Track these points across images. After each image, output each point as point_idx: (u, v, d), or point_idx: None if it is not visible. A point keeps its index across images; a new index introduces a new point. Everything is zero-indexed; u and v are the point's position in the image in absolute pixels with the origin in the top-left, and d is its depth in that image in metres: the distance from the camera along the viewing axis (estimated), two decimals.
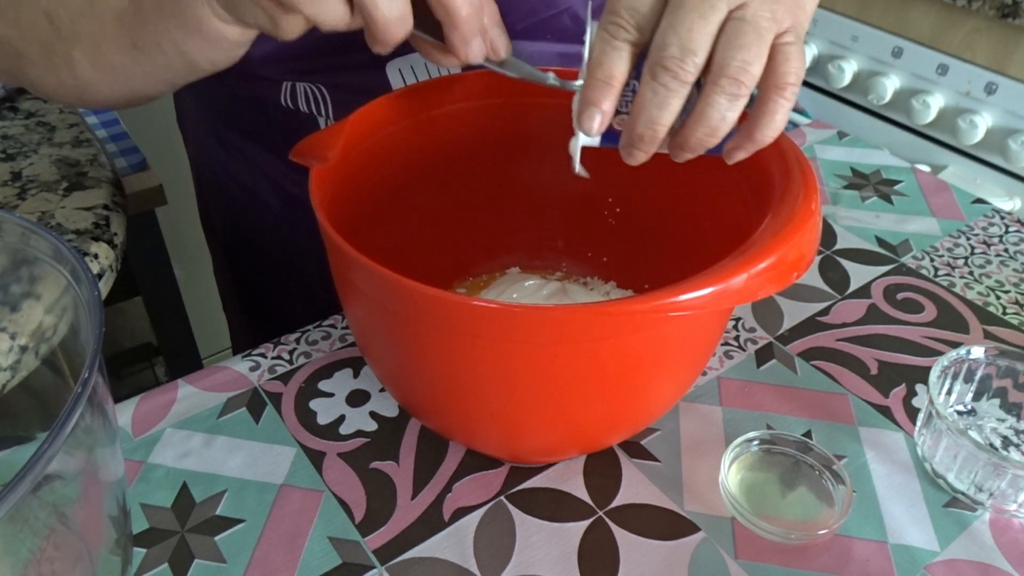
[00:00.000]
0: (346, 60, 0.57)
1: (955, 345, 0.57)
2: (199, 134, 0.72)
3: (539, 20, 0.60)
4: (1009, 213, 0.70)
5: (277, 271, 0.73)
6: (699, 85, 0.36)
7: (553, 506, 0.46)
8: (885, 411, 0.52)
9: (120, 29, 0.44)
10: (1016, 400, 0.50)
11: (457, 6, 0.37)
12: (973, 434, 0.50)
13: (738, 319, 0.59)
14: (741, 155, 0.38)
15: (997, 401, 0.51)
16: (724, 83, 0.35)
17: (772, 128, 0.37)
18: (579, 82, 0.42)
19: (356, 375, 0.54)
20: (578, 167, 0.41)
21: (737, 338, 0.57)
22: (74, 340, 0.38)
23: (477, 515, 0.46)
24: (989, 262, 0.64)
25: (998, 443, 0.49)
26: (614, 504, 0.47)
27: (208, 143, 0.71)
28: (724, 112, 0.36)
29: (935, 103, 1.20)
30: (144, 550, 0.44)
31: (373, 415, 0.52)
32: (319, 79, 0.59)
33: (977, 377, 0.50)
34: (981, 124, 1.15)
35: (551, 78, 0.44)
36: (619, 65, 0.36)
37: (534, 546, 0.45)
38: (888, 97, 1.25)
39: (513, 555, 0.44)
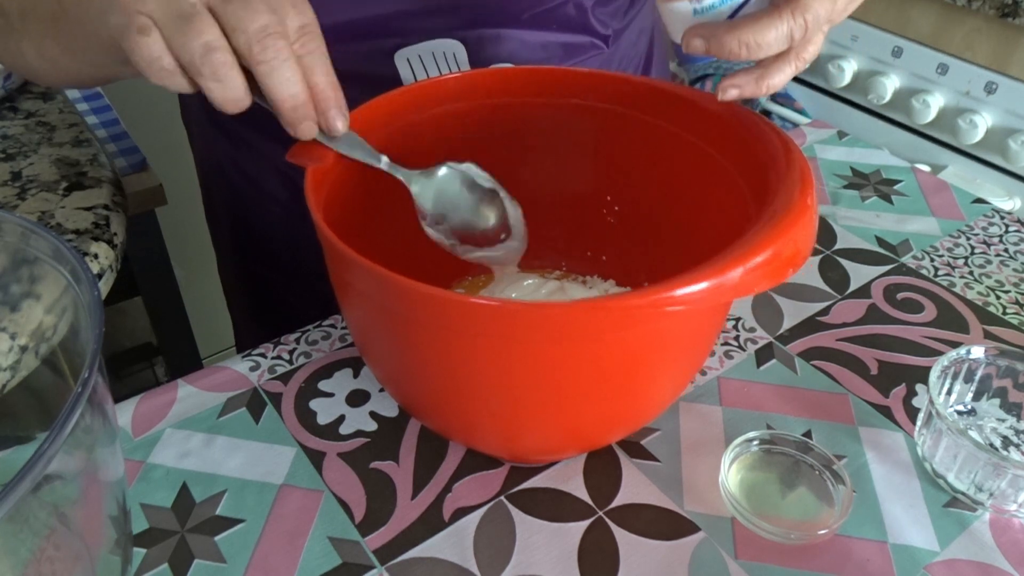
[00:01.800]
0: (353, 49, 0.57)
1: (955, 345, 0.57)
2: (203, 126, 0.72)
3: (543, 10, 0.60)
4: (1009, 213, 0.70)
5: (283, 265, 0.73)
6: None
7: (553, 506, 0.46)
8: (885, 411, 0.52)
9: (56, 31, 0.48)
10: (1016, 400, 0.50)
11: (279, 102, 0.41)
12: (973, 434, 0.49)
13: (738, 319, 0.59)
14: (733, 94, 0.45)
15: (997, 401, 0.51)
16: (796, 63, 0.44)
17: (777, 82, 0.45)
18: (413, 170, 0.48)
19: (356, 375, 0.54)
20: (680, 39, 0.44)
21: (737, 338, 0.57)
22: (74, 340, 0.38)
23: (477, 515, 0.46)
24: (989, 262, 0.64)
25: (998, 443, 0.49)
26: (614, 504, 0.47)
27: (212, 135, 0.71)
28: (785, 74, 0.44)
29: (935, 103, 1.20)
30: (144, 550, 0.44)
31: (373, 415, 0.52)
32: None
33: (977, 377, 0.50)
34: (981, 124, 1.15)
35: (383, 161, 0.47)
36: None
37: (534, 546, 0.45)
38: (888, 97, 1.25)
39: (513, 555, 0.44)
